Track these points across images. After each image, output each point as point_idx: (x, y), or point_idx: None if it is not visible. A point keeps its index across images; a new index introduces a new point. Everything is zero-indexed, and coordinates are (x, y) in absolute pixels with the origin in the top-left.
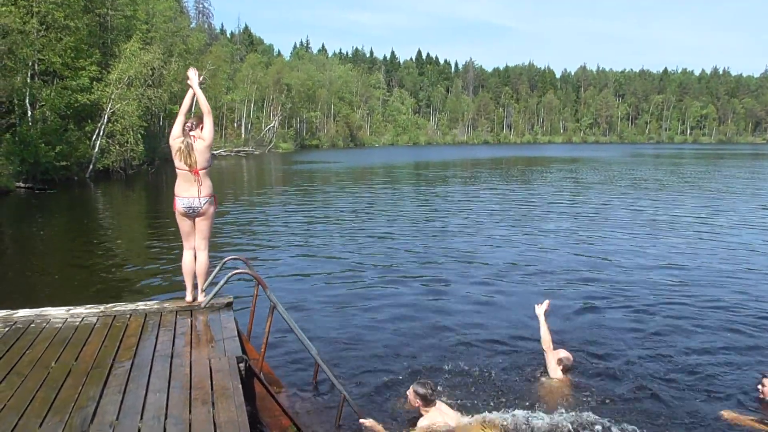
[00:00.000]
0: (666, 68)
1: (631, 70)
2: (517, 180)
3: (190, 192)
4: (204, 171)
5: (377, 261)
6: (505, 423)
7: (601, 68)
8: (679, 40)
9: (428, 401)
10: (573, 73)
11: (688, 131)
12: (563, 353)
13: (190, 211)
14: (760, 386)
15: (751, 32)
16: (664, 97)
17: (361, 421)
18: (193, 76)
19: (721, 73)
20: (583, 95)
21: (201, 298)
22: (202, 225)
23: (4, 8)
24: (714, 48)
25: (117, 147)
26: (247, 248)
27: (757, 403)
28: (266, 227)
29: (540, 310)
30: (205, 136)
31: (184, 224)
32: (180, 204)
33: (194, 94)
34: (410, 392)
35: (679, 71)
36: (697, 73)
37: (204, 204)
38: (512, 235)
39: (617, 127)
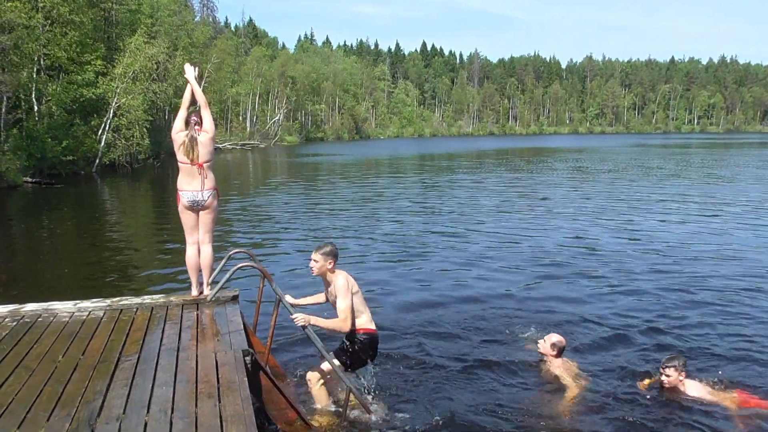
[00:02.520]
0: (673, 57)
1: (638, 59)
2: (524, 170)
3: (193, 185)
4: (208, 164)
5: (384, 251)
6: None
7: (607, 58)
8: (686, 29)
9: (337, 259)
10: (579, 63)
11: (696, 121)
12: (555, 337)
13: (195, 205)
14: (664, 378)
15: (760, 20)
16: (671, 87)
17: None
18: (189, 69)
19: (728, 61)
20: (589, 85)
21: (207, 291)
22: (206, 218)
23: (9, 3)
24: (722, 36)
25: (123, 141)
26: (252, 241)
27: (660, 389)
28: (271, 220)
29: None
30: (206, 128)
31: (187, 218)
32: (184, 198)
33: (192, 88)
34: (318, 258)
35: (687, 60)
36: (704, 61)
37: (208, 197)
38: (521, 224)
39: (624, 117)
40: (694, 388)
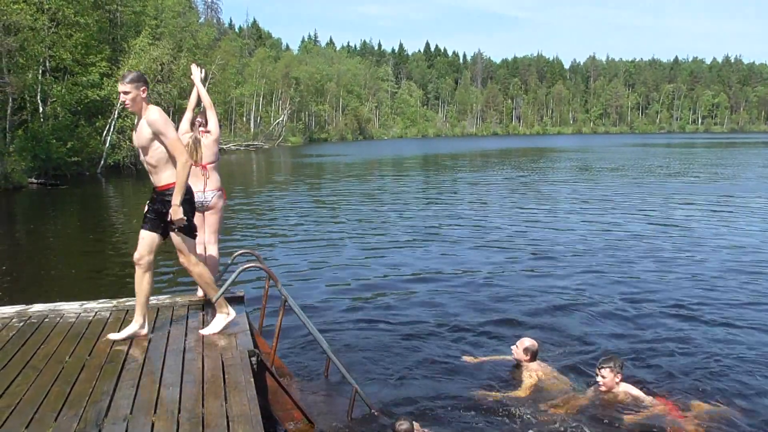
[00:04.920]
0: (677, 57)
1: (641, 59)
2: (528, 169)
3: (197, 186)
4: (212, 165)
5: (390, 253)
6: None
7: (610, 58)
8: (690, 29)
9: (149, 86)
10: (582, 63)
11: (700, 120)
12: (528, 341)
13: (199, 206)
14: (599, 378)
15: (764, 19)
16: (674, 87)
17: None
18: (195, 71)
19: (733, 61)
20: (592, 85)
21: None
22: (212, 219)
23: (15, 6)
24: (725, 36)
25: (127, 142)
26: (257, 242)
27: (598, 392)
28: (276, 221)
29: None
30: (211, 129)
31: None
32: None
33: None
34: (128, 88)
35: (690, 60)
36: (708, 61)
37: (212, 198)
38: (525, 221)
39: (627, 117)
40: (630, 389)
